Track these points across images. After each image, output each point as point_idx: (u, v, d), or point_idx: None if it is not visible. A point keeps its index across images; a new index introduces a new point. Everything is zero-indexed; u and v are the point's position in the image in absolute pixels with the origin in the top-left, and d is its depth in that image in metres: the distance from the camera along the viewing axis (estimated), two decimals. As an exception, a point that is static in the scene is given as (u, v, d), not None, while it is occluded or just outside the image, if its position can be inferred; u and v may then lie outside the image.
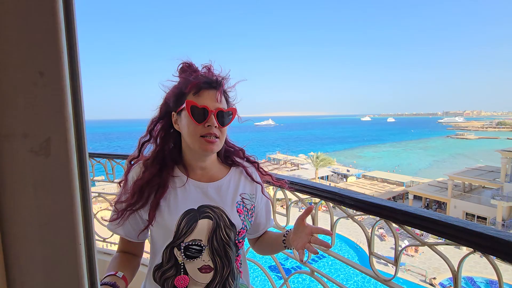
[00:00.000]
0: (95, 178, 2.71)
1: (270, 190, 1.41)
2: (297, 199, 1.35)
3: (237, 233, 0.88)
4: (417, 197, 28.50)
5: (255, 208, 0.99)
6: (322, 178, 38.60)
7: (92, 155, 2.59)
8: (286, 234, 0.95)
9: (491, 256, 0.76)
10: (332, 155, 53.89)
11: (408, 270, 15.91)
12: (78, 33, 0.32)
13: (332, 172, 41.38)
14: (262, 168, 1.04)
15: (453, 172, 28.05)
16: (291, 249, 0.95)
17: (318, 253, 0.82)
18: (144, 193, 0.83)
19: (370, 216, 1.02)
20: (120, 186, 0.90)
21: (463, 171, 28.19)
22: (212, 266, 0.85)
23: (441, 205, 26.83)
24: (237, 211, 0.90)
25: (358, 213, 1.09)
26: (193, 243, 0.83)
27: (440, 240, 0.88)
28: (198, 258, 0.84)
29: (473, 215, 23.14)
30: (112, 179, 2.54)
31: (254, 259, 1.56)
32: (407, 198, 29.56)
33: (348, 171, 42.18)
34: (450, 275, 0.85)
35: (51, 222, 0.33)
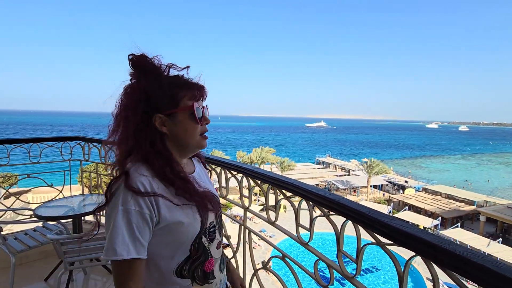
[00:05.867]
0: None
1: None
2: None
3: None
4: (491, 220, 24.54)
5: None
6: (375, 187, 35.98)
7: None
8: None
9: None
10: (389, 163, 49.86)
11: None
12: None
13: (387, 181, 38.26)
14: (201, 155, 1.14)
15: (543, 196, 23.34)
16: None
17: None
18: (199, 197, 0.87)
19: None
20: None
21: (557, 196, 23.26)
22: (221, 240, 0.98)
23: (523, 233, 22.64)
24: (215, 189, 1.06)
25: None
26: (211, 225, 0.92)
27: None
28: (215, 238, 0.94)
29: None
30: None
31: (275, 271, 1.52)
32: (477, 219, 25.70)
33: (406, 182, 38.50)
34: None
35: None
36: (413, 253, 0.83)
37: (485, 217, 24.46)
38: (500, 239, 20.80)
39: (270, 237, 18.41)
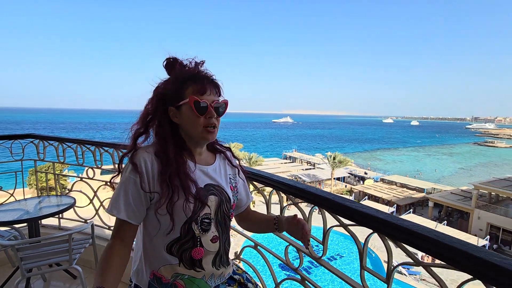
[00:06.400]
0: (104, 166, 2.84)
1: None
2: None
3: (231, 206, 1.05)
4: (437, 205, 27.31)
5: (236, 187, 1.13)
6: (338, 179, 37.90)
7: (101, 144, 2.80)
8: (276, 219, 1.10)
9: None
10: (350, 156, 52.67)
11: (423, 280, 15.42)
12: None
13: (349, 173, 40.50)
14: (233, 154, 1.17)
15: (479, 181, 26.55)
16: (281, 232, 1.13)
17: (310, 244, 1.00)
18: (175, 182, 0.90)
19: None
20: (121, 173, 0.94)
21: (490, 181, 26.60)
22: (218, 236, 0.99)
23: (463, 215, 25.56)
24: (230, 188, 1.07)
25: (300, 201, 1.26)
26: (205, 216, 0.96)
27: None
28: (209, 230, 0.97)
29: (498, 228, 21.87)
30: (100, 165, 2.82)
31: (248, 260, 1.58)
32: (427, 205, 28.40)
33: (366, 173, 41.08)
34: None
35: None
36: (371, 231, 0.94)
37: (433, 203, 27.15)
38: (445, 221, 23.30)
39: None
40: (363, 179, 39.03)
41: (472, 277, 0.68)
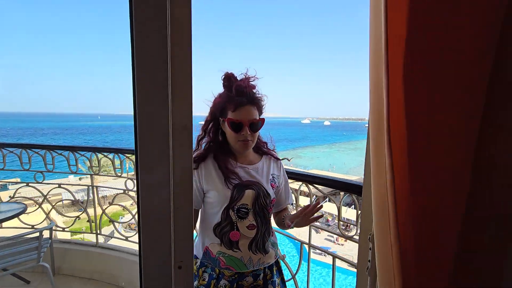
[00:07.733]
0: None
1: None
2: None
3: (270, 201, 1.19)
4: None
5: (278, 187, 1.27)
6: (266, 176, 40.01)
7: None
8: (283, 218, 1.27)
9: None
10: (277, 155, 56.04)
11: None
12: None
13: (275, 171, 43.27)
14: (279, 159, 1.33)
15: (375, 170, 32.25)
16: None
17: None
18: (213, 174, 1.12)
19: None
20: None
21: (383, 169, 32.60)
22: (255, 224, 1.14)
23: (366, 199, 30.70)
24: (271, 186, 1.21)
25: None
26: (242, 206, 1.12)
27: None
28: (246, 218, 1.13)
29: (390, 206, 27.15)
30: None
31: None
32: (339, 193, 32.93)
33: (289, 170, 44.71)
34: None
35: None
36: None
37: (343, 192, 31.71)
38: (353, 205, 27.60)
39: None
40: (287, 175, 42.33)
41: (347, 193, 1.43)
